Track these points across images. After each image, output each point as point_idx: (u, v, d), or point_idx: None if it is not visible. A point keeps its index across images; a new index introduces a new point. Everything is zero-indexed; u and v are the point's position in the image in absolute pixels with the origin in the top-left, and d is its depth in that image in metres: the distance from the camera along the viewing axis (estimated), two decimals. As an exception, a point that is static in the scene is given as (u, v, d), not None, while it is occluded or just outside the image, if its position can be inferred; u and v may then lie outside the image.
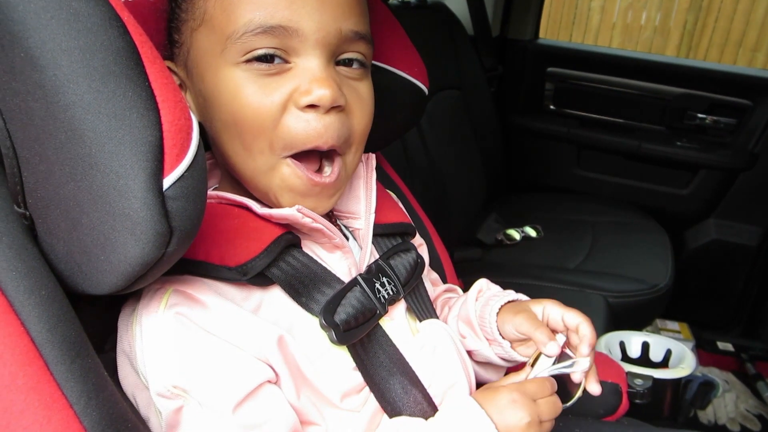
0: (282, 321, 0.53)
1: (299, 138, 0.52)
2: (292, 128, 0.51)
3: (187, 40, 0.55)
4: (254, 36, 0.50)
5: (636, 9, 3.78)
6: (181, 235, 0.40)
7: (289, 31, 0.50)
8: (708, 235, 1.88)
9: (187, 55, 0.55)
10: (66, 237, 0.42)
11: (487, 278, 0.74)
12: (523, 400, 0.53)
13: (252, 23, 0.50)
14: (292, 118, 0.51)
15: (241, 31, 0.50)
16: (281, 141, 0.52)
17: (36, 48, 0.35)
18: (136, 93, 0.36)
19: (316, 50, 0.51)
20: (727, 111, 1.85)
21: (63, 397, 0.42)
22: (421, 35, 1.61)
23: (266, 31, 0.50)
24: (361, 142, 0.58)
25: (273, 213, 0.54)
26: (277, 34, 0.50)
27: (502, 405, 0.53)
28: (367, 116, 0.57)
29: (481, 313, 0.67)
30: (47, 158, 0.39)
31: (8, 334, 0.41)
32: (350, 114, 0.55)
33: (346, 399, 0.55)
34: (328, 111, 0.52)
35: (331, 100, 0.51)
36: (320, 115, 0.51)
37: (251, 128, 0.51)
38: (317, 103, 0.51)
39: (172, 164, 0.38)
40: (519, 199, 2.02)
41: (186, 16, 0.54)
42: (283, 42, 0.50)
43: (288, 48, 0.51)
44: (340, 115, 0.53)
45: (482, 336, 0.67)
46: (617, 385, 0.84)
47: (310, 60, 0.51)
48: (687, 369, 1.04)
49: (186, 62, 0.56)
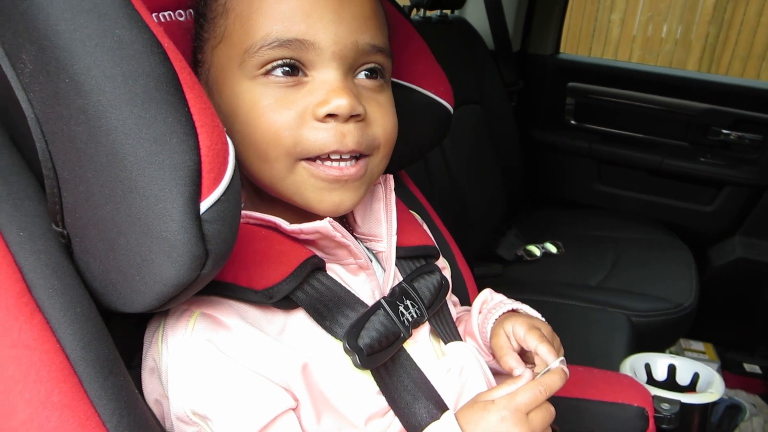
0: (305, 345, 0.53)
1: (317, 145, 0.52)
2: (310, 138, 0.51)
3: (208, 58, 0.56)
4: (271, 49, 0.50)
5: (656, 22, 3.75)
6: (216, 258, 0.40)
7: (305, 44, 0.50)
8: (733, 253, 1.85)
9: (208, 73, 0.56)
10: (102, 256, 0.43)
11: (508, 295, 0.73)
12: (514, 417, 0.51)
13: (269, 37, 0.50)
14: (310, 130, 0.51)
15: (259, 44, 0.50)
16: (298, 148, 0.52)
17: (81, 74, 0.36)
18: (175, 118, 0.37)
19: (333, 63, 0.52)
20: (753, 127, 1.82)
21: (96, 415, 0.42)
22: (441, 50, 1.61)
23: (283, 44, 0.50)
24: (387, 149, 0.58)
25: (303, 228, 0.54)
26: (294, 48, 0.51)
27: (491, 425, 0.51)
28: (391, 123, 0.57)
29: (481, 327, 0.67)
30: (87, 180, 0.39)
31: (45, 350, 0.41)
32: (372, 123, 0.55)
33: (371, 423, 0.54)
34: (347, 120, 0.52)
35: (349, 108, 0.51)
36: (339, 123, 0.52)
37: (267, 139, 0.52)
38: (335, 112, 0.51)
39: (209, 188, 0.38)
40: (539, 214, 2.01)
41: (207, 35, 0.55)
42: (299, 55, 0.51)
43: (305, 61, 0.51)
44: (360, 124, 0.53)
45: (486, 350, 0.67)
46: (643, 409, 0.82)
47: (327, 73, 0.52)
48: (716, 394, 1.01)
49: (207, 80, 0.57)
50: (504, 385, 0.55)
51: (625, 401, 0.82)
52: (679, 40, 3.72)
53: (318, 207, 0.55)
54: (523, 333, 0.61)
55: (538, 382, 0.54)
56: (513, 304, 0.68)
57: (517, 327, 0.63)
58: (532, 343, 0.60)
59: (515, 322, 0.63)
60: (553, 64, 2.06)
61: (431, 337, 0.63)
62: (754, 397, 1.78)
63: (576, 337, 1.33)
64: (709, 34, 3.63)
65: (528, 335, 0.61)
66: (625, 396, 0.83)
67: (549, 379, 0.54)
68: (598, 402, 0.83)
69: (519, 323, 0.63)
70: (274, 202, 0.58)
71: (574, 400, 0.83)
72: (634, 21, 3.79)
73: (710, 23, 3.61)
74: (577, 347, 1.30)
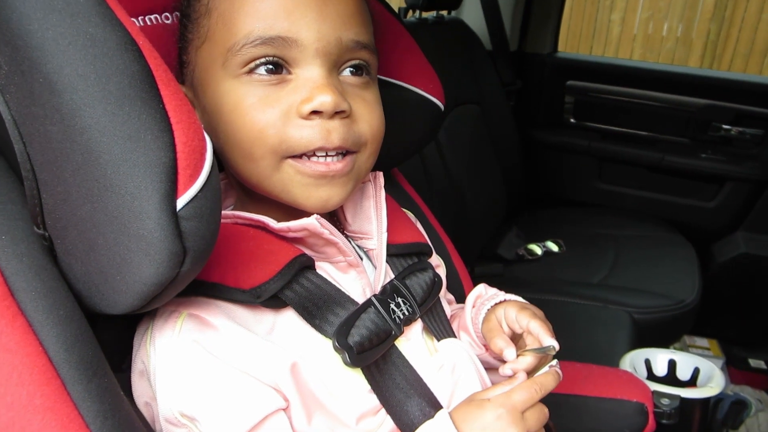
0: (295, 344, 0.52)
1: (302, 143, 0.51)
2: (295, 136, 0.51)
3: (192, 59, 0.56)
4: (254, 47, 0.50)
5: (657, 20, 3.74)
6: (195, 255, 0.40)
7: (288, 41, 0.50)
8: (736, 248, 1.84)
9: (193, 74, 0.56)
10: (83, 257, 0.42)
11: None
12: (510, 416, 0.50)
13: (252, 35, 0.50)
14: (294, 128, 0.51)
15: (242, 42, 0.50)
16: (283, 146, 0.52)
17: (54, 73, 0.36)
18: (150, 115, 0.37)
19: (317, 60, 0.52)
20: (754, 122, 1.81)
21: (79, 417, 0.42)
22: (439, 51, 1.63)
23: (266, 42, 0.50)
24: (375, 145, 0.57)
25: (291, 225, 0.53)
26: (277, 45, 0.50)
27: (487, 423, 0.50)
28: (377, 120, 0.57)
29: (474, 319, 0.67)
30: (65, 180, 0.39)
31: (27, 353, 0.41)
32: (358, 120, 0.55)
33: (362, 421, 0.54)
34: (332, 117, 0.52)
35: (333, 105, 0.50)
36: (324, 120, 0.51)
37: (251, 138, 0.51)
38: (320, 109, 0.50)
39: (186, 185, 0.38)
40: (540, 213, 2.00)
41: (191, 35, 0.55)
42: (283, 53, 0.51)
43: (288, 59, 0.51)
44: (345, 121, 0.53)
45: (479, 343, 0.67)
46: (643, 404, 0.81)
47: (310, 70, 0.52)
48: (716, 388, 1.00)
49: (192, 81, 0.56)
50: (499, 385, 0.54)
51: (624, 397, 0.81)
52: (680, 38, 3.70)
53: (305, 203, 0.54)
54: (514, 314, 0.62)
55: (533, 381, 0.54)
56: (507, 296, 0.68)
57: (508, 310, 0.63)
58: (523, 321, 0.60)
59: (507, 306, 0.64)
60: (551, 62, 2.06)
61: (424, 334, 0.62)
62: (759, 393, 1.76)
63: (579, 335, 1.32)
64: (710, 32, 3.62)
65: (519, 315, 0.61)
66: (624, 392, 0.82)
67: (543, 378, 0.54)
68: (597, 398, 0.82)
69: (510, 307, 0.63)
70: (264, 201, 0.58)
71: (573, 396, 0.82)
72: (634, 20, 3.78)
73: (711, 21, 3.59)
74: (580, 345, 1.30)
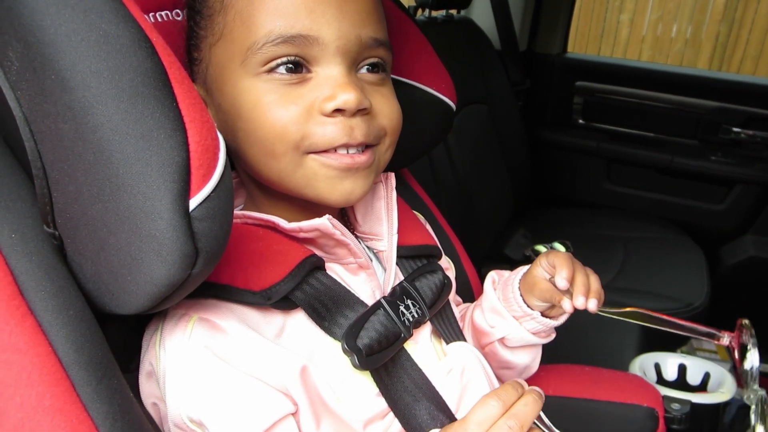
0: (304, 346, 0.52)
1: (326, 140, 0.51)
2: (318, 133, 0.51)
3: (206, 56, 0.55)
4: (275, 46, 0.50)
5: (666, 21, 3.71)
6: (207, 256, 0.39)
7: (309, 39, 0.50)
8: (745, 251, 1.82)
9: (206, 72, 0.55)
10: (94, 257, 0.42)
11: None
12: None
13: (273, 33, 0.50)
14: (317, 125, 0.51)
15: (262, 41, 0.50)
16: (306, 142, 0.51)
17: (66, 70, 0.35)
18: (163, 114, 0.36)
19: (337, 58, 0.51)
20: (765, 125, 1.79)
21: (89, 419, 0.41)
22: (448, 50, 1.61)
23: (287, 40, 0.50)
24: (394, 136, 0.57)
25: (303, 225, 0.53)
26: (298, 44, 0.50)
27: None
28: (396, 113, 0.57)
29: (503, 296, 0.69)
30: (76, 179, 0.39)
31: (37, 354, 0.41)
32: (377, 115, 0.55)
33: (370, 426, 0.53)
34: (354, 114, 0.51)
35: (356, 103, 0.50)
36: (346, 118, 0.51)
37: (273, 134, 0.51)
38: (343, 107, 0.50)
39: (199, 185, 0.37)
40: (547, 214, 1.99)
41: (204, 32, 0.54)
42: (303, 51, 0.50)
43: (309, 57, 0.51)
44: (366, 117, 0.53)
45: (511, 317, 0.68)
46: (653, 409, 0.80)
47: (331, 68, 0.51)
48: (727, 393, 0.99)
49: (205, 79, 0.56)
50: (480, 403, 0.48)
51: (634, 401, 0.81)
52: (689, 40, 3.68)
53: (329, 197, 0.54)
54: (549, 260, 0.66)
55: (509, 415, 0.47)
56: (525, 270, 0.70)
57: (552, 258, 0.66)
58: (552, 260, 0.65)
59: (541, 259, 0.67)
60: (560, 63, 2.04)
61: (433, 337, 0.62)
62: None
63: (587, 338, 1.32)
64: (720, 33, 3.59)
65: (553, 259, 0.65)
66: (634, 396, 0.81)
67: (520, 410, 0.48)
68: (607, 402, 0.81)
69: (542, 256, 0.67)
70: (278, 200, 0.57)
71: (583, 400, 0.81)
72: (643, 21, 3.76)
73: (721, 22, 3.56)
74: (588, 348, 1.29)
